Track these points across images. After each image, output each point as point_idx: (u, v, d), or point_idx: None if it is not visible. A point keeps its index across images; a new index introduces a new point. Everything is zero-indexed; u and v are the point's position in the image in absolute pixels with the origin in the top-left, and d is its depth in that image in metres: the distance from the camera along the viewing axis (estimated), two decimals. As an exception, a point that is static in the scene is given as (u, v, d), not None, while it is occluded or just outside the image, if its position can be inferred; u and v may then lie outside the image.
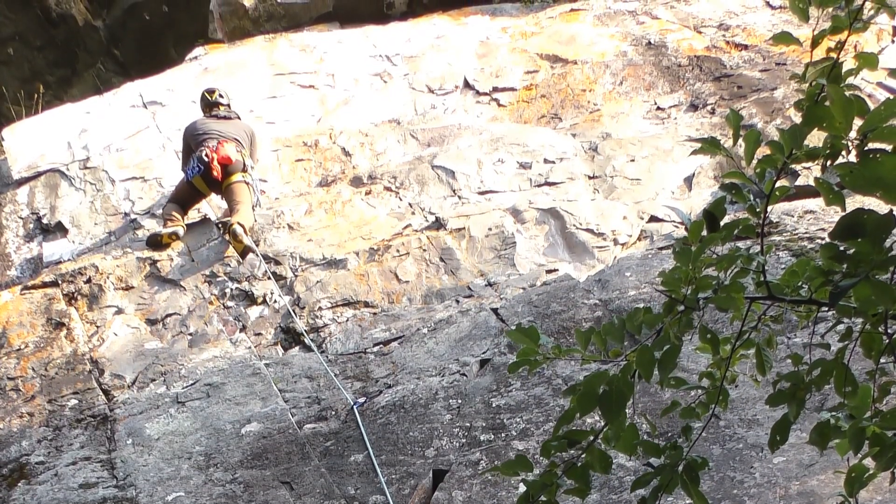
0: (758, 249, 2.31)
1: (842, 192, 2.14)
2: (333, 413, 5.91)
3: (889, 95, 7.25)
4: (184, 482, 5.54)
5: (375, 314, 6.95)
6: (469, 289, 7.03)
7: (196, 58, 10.61)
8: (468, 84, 9.47)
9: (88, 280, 7.62)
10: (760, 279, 2.32)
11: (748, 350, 2.52)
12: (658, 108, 8.65)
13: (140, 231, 8.32)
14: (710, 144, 2.33)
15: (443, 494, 5.03)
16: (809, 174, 6.43)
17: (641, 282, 6.30)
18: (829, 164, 2.11)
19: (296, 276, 7.43)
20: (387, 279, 7.25)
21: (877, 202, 2.00)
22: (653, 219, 7.46)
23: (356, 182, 8.41)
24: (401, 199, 8.08)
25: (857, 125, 2.05)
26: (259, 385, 6.30)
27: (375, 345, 6.59)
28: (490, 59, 9.71)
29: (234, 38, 10.97)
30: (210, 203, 8.48)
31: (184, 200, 8.24)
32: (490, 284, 7.03)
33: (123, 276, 7.64)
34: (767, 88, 8.39)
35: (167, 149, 9.15)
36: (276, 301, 7.23)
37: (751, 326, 2.47)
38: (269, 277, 7.39)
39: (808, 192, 6.43)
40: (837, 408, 2.41)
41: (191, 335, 7.08)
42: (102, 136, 9.42)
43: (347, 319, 6.95)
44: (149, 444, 5.93)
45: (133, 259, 7.79)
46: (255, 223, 7.96)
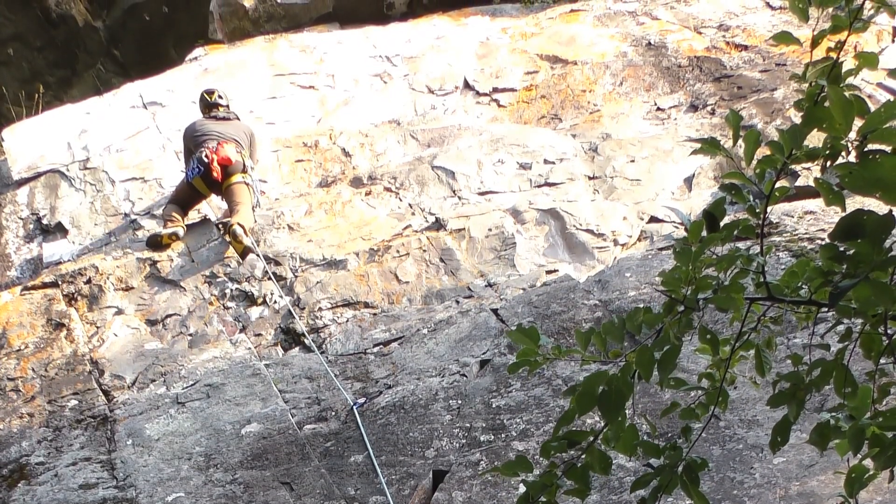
0: (757, 250, 2.31)
1: (841, 193, 2.13)
2: (333, 413, 5.91)
3: (889, 96, 7.25)
4: (184, 483, 5.54)
5: (375, 315, 6.95)
6: (469, 289, 7.02)
7: (196, 58, 10.61)
8: (468, 85, 9.47)
9: (88, 281, 7.62)
10: (760, 280, 2.32)
11: (748, 351, 2.52)
12: (658, 109, 8.65)
13: (140, 232, 8.32)
14: (710, 145, 2.33)
15: (443, 495, 5.03)
16: (809, 175, 6.43)
17: (641, 282, 6.30)
18: (829, 165, 2.11)
19: (296, 277, 7.43)
20: (387, 280, 7.25)
21: (876, 203, 2.00)
22: (653, 219, 7.46)
23: (356, 183, 8.41)
24: (401, 200, 8.08)
25: (857, 126, 2.05)
26: (259, 386, 6.30)
27: (375, 345, 6.58)
28: (490, 60, 9.71)
29: (234, 39, 10.97)
30: (210, 204, 8.48)
31: (184, 201, 8.24)
32: (490, 285, 7.02)
33: (123, 277, 7.64)
34: (767, 89, 8.39)
35: (167, 149, 9.15)
36: (277, 302, 7.23)
37: (750, 327, 2.47)
38: (270, 278, 7.38)
39: (808, 193, 6.43)
40: (837, 408, 2.41)
41: (191, 336, 7.08)
42: (102, 137, 9.41)
43: (347, 320, 6.95)
44: (149, 445, 5.93)
45: (133, 260, 7.79)
46: (255, 224, 7.96)
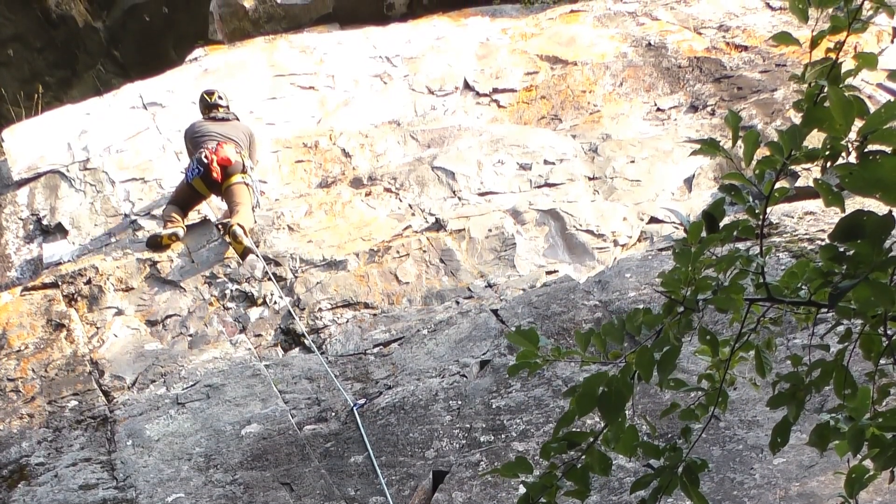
0: (757, 251, 2.31)
1: (841, 194, 2.13)
2: (333, 414, 5.91)
3: (889, 96, 7.25)
4: (184, 483, 5.54)
5: (375, 315, 6.95)
6: (469, 290, 7.02)
7: (196, 59, 10.62)
8: (468, 85, 9.47)
9: (88, 281, 7.61)
10: (760, 280, 2.32)
11: (748, 352, 2.52)
12: (658, 110, 8.65)
13: (140, 232, 8.32)
14: (710, 146, 2.32)
15: (443, 496, 5.02)
16: (809, 175, 6.42)
17: (641, 283, 6.30)
18: (829, 166, 2.10)
19: (296, 278, 7.43)
20: (387, 280, 7.25)
21: (876, 204, 1.99)
22: (653, 220, 7.46)
23: (356, 183, 8.41)
24: (401, 201, 8.08)
25: (857, 126, 2.05)
26: (259, 386, 6.30)
27: (375, 346, 6.58)
28: (490, 61, 9.71)
29: (234, 40, 10.98)
30: (210, 204, 8.48)
31: (184, 202, 8.24)
32: (490, 286, 7.02)
33: (123, 278, 7.63)
34: (767, 89, 8.39)
35: (167, 150, 9.15)
36: (276, 302, 7.23)
37: (750, 328, 2.46)
38: (270, 279, 7.38)
39: (808, 194, 6.43)
40: (837, 409, 2.40)
41: (191, 336, 7.08)
42: (102, 138, 9.42)
43: (347, 321, 6.95)
44: (149, 446, 5.93)
45: (133, 260, 7.79)
46: (255, 224, 7.96)
